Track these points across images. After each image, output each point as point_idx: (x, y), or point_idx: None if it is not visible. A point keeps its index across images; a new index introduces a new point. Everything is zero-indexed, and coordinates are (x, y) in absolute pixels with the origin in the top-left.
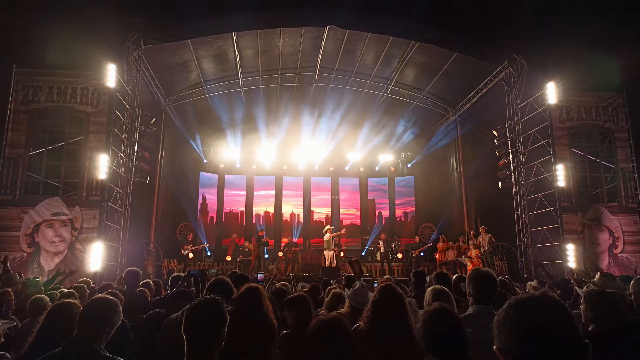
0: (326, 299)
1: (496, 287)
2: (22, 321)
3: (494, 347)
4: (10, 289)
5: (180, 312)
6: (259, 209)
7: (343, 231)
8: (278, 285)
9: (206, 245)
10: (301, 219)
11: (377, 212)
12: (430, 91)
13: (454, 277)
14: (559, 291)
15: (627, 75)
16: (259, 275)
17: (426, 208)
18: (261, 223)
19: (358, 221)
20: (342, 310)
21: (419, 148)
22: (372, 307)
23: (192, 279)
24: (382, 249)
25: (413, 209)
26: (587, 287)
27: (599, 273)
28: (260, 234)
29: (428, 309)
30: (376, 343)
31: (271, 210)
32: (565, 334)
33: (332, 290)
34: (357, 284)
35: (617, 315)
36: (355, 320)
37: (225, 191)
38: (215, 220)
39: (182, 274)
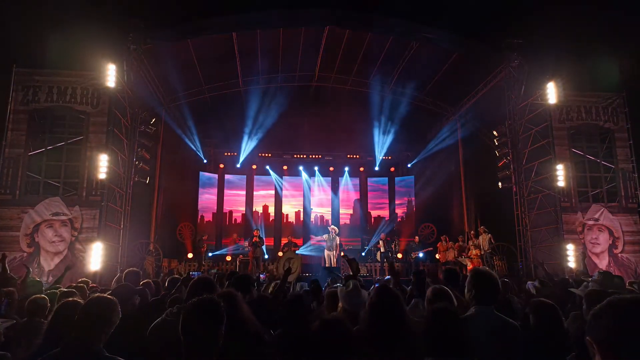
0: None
1: (498, 288)
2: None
3: (587, 337)
4: (13, 289)
5: (175, 312)
6: (258, 208)
7: (342, 254)
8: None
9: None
10: (301, 219)
11: (376, 212)
12: (430, 91)
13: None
14: (557, 292)
15: (627, 75)
16: (260, 275)
17: (426, 208)
18: (258, 223)
19: (358, 221)
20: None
21: (419, 148)
22: (370, 308)
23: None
24: (382, 249)
25: (413, 209)
26: (584, 286)
27: (597, 271)
28: (254, 233)
29: (430, 309)
30: (375, 344)
31: (271, 209)
32: None
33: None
34: (351, 284)
35: None
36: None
37: (225, 191)
38: (214, 220)
39: (178, 277)
